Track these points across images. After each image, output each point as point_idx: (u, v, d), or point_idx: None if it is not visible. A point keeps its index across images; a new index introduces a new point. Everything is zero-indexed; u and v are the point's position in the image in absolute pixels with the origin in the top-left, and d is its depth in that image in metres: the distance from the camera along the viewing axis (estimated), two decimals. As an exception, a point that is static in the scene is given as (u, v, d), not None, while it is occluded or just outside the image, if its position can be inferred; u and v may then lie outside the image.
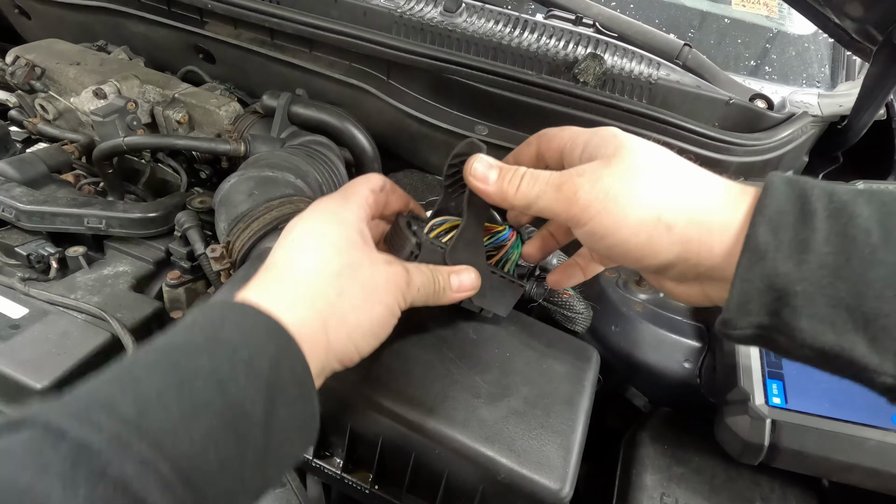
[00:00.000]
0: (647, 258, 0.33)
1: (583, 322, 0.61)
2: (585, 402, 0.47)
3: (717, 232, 0.30)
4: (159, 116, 0.79)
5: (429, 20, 0.77)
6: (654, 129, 0.70)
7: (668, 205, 0.31)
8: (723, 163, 0.70)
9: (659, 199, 0.32)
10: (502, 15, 0.77)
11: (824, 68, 0.94)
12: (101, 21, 0.93)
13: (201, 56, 0.90)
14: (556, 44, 0.74)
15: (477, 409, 0.44)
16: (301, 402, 0.32)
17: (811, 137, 0.72)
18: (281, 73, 0.84)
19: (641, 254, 0.32)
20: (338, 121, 0.77)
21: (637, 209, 0.32)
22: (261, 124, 0.78)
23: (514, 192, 0.36)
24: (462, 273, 0.42)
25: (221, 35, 0.84)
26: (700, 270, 0.32)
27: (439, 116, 0.78)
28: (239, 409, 0.28)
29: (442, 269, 0.42)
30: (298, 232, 0.37)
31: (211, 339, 0.29)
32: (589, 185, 0.33)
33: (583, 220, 0.33)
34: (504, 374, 0.47)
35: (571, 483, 0.41)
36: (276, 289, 0.34)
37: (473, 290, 0.43)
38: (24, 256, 0.60)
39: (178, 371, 0.27)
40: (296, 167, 0.66)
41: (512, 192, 0.37)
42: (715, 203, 0.31)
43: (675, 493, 0.47)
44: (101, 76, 0.78)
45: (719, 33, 1.06)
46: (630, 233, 0.32)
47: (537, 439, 0.43)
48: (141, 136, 0.72)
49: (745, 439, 0.44)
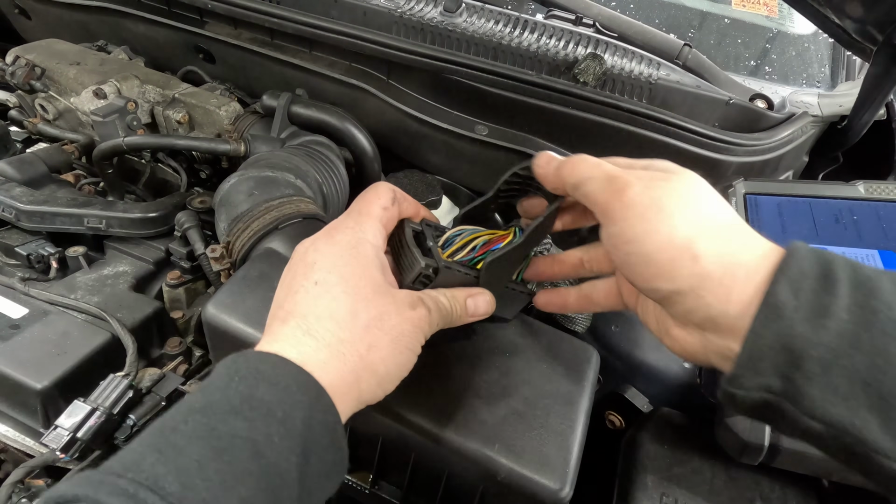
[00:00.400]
0: (661, 279, 0.32)
1: (583, 322, 0.61)
2: (585, 403, 0.47)
3: (740, 279, 0.30)
4: (159, 116, 0.79)
5: (429, 20, 0.77)
6: (654, 129, 0.70)
7: (703, 236, 0.31)
8: (723, 163, 0.70)
9: (697, 227, 0.31)
10: (502, 15, 0.77)
11: (824, 68, 0.94)
12: (101, 21, 0.93)
13: (201, 56, 0.90)
14: (556, 44, 0.74)
15: (477, 409, 0.44)
16: (332, 450, 0.32)
17: (811, 137, 0.72)
18: (281, 73, 0.84)
19: (658, 272, 0.32)
20: (338, 121, 0.77)
21: (673, 228, 0.31)
22: (261, 124, 0.78)
23: (570, 169, 0.36)
24: (478, 297, 0.41)
25: (221, 35, 0.84)
26: (710, 313, 0.31)
27: (439, 116, 0.78)
28: (275, 471, 0.28)
29: (458, 294, 0.41)
30: (320, 273, 0.36)
31: (246, 400, 0.30)
32: (640, 188, 0.33)
33: (618, 217, 0.33)
34: (504, 374, 0.47)
35: (571, 483, 0.41)
36: (307, 343, 0.34)
37: (487, 314, 0.42)
38: (25, 256, 0.60)
39: (217, 437, 0.28)
40: (296, 167, 0.66)
41: (568, 168, 0.36)
42: (746, 252, 0.31)
43: (675, 494, 0.47)
44: (102, 76, 0.78)
45: (719, 33, 1.06)
46: (655, 248, 0.32)
47: (537, 439, 0.43)
48: (141, 136, 0.72)
49: (745, 439, 0.44)
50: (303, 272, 0.37)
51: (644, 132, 0.71)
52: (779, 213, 0.60)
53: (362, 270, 0.36)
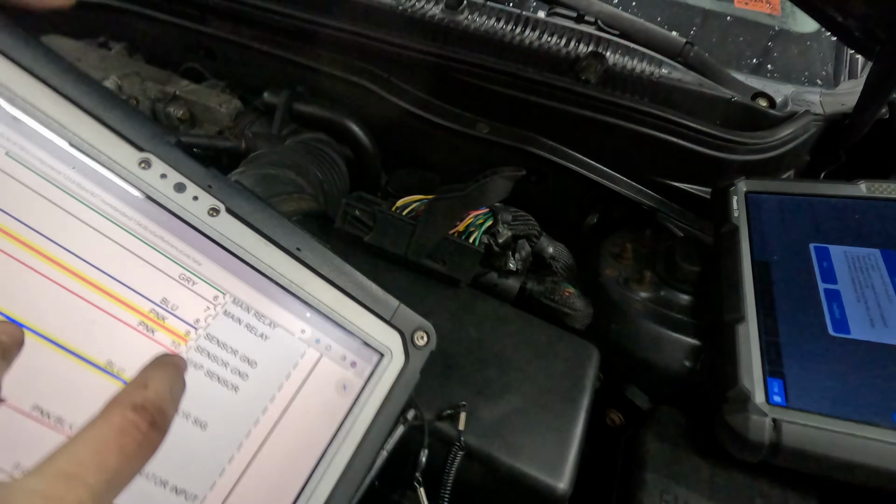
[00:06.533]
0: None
1: (583, 320, 0.61)
2: (585, 400, 0.47)
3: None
4: (160, 113, 0.79)
5: (430, 17, 0.76)
6: (656, 127, 0.70)
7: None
8: (724, 161, 0.70)
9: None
10: (504, 12, 0.77)
11: (827, 67, 0.94)
12: (101, 17, 0.93)
13: (202, 53, 0.89)
14: (558, 41, 0.74)
15: (477, 406, 0.44)
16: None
17: (813, 136, 0.72)
18: (282, 69, 0.84)
19: None
20: (338, 118, 0.77)
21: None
22: (262, 121, 0.78)
23: None
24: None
25: (222, 32, 0.84)
26: None
27: (440, 114, 0.78)
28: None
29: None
30: None
31: None
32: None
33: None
34: (504, 372, 0.47)
35: (571, 480, 0.42)
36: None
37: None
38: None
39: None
40: (297, 164, 0.66)
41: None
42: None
43: (675, 492, 0.47)
44: (103, 73, 0.78)
45: (721, 31, 1.05)
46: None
47: (537, 436, 0.43)
48: (142, 133, 0.72)
49: (746, 438, 0.44)
50: None
51: (645, 130, 0.71)
52: (780, 212, 0.60)
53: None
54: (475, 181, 0.54)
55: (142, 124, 0.30)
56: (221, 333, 0.31)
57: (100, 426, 0.19)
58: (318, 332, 0.33)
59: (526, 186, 0.75)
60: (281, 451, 0.31)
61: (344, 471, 0.32)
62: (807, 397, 0.45)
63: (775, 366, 0.48)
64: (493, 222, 0.57)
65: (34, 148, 0.28)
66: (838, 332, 0.48)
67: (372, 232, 0.53)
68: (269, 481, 0.30)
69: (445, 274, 0.54)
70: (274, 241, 0.32)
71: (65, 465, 0.18)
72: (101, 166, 0.29)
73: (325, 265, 0.34)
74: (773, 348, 0.49)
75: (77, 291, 0.28)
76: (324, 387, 0.33)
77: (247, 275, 0.32)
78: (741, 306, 0.52)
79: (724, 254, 0.58)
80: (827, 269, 0.53)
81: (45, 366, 0.27)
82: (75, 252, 0.28)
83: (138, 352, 0.29)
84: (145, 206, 0.30)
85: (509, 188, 0.56)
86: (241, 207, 0.32)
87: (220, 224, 0.31)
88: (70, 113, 0.29)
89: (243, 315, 0.32)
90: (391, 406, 0.34)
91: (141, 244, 0.30)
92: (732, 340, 0.50)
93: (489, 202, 0.57)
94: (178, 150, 0.31)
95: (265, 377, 0.32)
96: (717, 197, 0.66)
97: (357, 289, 0.34)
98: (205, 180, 0.31)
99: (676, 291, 0.62)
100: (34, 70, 0.28)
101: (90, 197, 0.29)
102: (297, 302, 0.33)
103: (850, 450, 0.42)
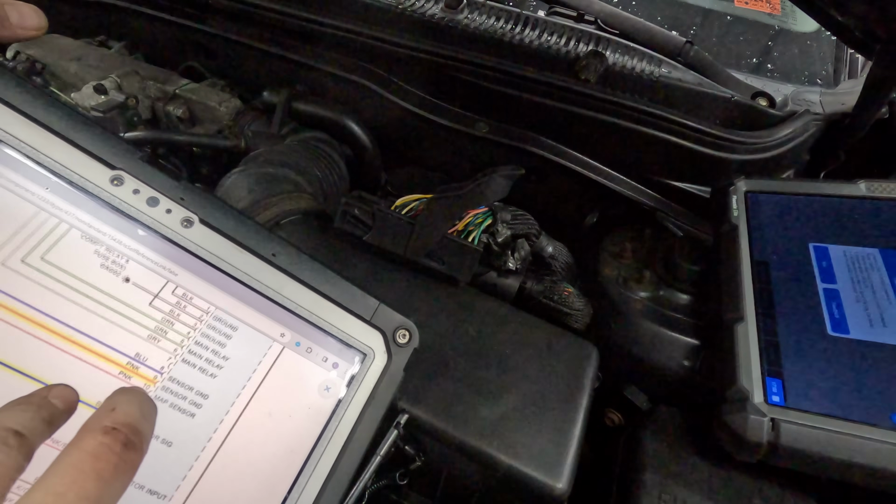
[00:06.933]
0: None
1: (582, 319, 0.61)
2: (584, 400, 0.47)
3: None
4: (160, 112, 0.79)
5: (430, 16, 0.76)
6: (656, 126, 0.70)
7: None
8: (724, 161, 0.70)
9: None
10: (504, 11, 0.77)
11: (827, 66, 0.94)
12: (101, 16, 0.93)
13: (202, 52, 0.89)
14: (558, 41, 0.74)
15: (476, 405, 0.44)
16: None
17: (813, 135, 0.72)
18: (281, 68, 0.84)
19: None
20: (338, 117, 0.77)
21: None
22: (261, 120, 0.78)
23: None
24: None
25: (222, 30, 0.84)
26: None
27: (440, 113, 0.78)
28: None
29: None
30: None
31: None
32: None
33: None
34: (503, 371, 0.47)
35: (570, 480, 0.42)
36: None
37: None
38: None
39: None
40: (296, 163, 0.66)
41: None
42: None
43: (673, 491, 0.47)
44: (102, 72, 0.78)
45: (722, 31, 1.05)
46: None
47: (536, 436, 0.43)
48: (141, 132, 0.72)
49: (745, 437, 0.44)
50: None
51: (645, 129, 0.70)
52: (780, 212, 0.60)
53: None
54: (474, 180, 0.54)
55: (112, 143, 0.31)
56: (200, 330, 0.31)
57: (73, 454, 0.19)
58: (297, 335, 0.34)
59: (525, 185, 0.75)
60: (265, 454, 0.31)
61: (331, 471, 0.32)
62: (805, 397, 0.45)
63: (774, 365, 0.48)
64: (492, 221, 0.57)
65: (8, 171, 0.28)
66: (837, 331, 0.48)
67: (371, 231, 0.53)
68: (255, 484, 0.31)
69: (445, 273, 0.53)
70: (249, 248, 0.33)
71: (42, 498, 0.17)
72: (73, 187, 0.29)
73: (302, 269, 0.34)
74: (771, 348, 0.49)
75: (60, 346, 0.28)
76: (306, 389, 0.33)
77: (223, 282, 0.32)
78: (740, 306, 0.52)
79: (724, 253, 0.58)
80: (826, 268, 0.53)
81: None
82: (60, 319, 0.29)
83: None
84: (120, 222, 0.30)
85: (508, 187, 0.56)
86: (215, 217, 0.32)
87: (195, 235, 0.32)
88: (41, 136, 0.29)
89: (224, 319, 0.32)
90: (376, 405, 0.34)
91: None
92: (731, 340, 0.50)
93: (488, 201, 0.57)
94: (149, 166, 0.31)
95: (236, 379, 0.32)
96: (717, 196, 0.66)
97: (335, 290, 0.34)
98: (177, 193, 0.32)
99: (676, 291, 0.62)
100: (5, 98, 0.28)
101: (65, 216, 0.29)
102: (274, 306, 0.33)
103: (849, 450, 0.42)
